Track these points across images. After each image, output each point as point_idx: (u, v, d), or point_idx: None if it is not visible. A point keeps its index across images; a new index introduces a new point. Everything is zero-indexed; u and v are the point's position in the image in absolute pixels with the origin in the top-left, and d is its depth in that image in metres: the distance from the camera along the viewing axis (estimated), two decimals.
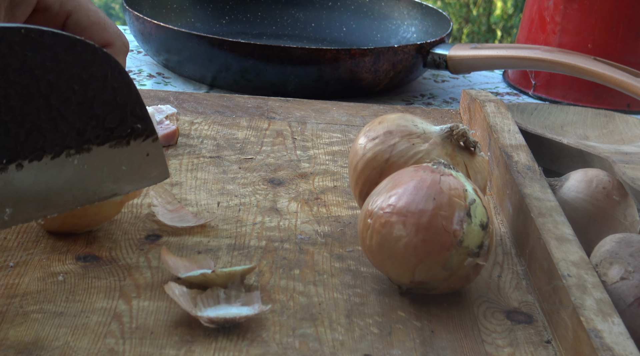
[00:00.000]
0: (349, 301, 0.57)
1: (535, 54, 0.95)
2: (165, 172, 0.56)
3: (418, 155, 0.62)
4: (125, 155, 0.53)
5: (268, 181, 0.73)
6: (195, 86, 1.02)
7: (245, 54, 0.96)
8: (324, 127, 0.85)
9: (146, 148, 0.54)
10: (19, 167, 0.49)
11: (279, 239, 0.64)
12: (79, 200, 0.52)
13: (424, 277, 0.56)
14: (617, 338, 0.50)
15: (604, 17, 1.03)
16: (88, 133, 0.51)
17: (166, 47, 1.01)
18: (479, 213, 0.56)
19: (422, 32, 1.16)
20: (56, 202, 0.51)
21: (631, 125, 0.88)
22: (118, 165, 0.53)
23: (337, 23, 1.22)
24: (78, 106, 0.50)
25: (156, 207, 0.66)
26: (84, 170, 0.52)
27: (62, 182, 0.51)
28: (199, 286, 0.56)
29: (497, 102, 0.83)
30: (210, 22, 1.20)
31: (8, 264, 0.58)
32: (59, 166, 0.50)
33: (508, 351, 0.54)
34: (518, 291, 0.60)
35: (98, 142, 0.52)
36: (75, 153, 0.51)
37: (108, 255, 0.60)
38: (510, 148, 0.73)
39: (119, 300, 0.56)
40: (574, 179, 0.68)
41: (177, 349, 0.51)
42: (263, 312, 0.54)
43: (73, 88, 0.49)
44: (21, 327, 0.52)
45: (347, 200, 0.71)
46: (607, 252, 0.58)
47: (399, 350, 0.53)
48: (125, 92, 0.52)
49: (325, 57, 0.96)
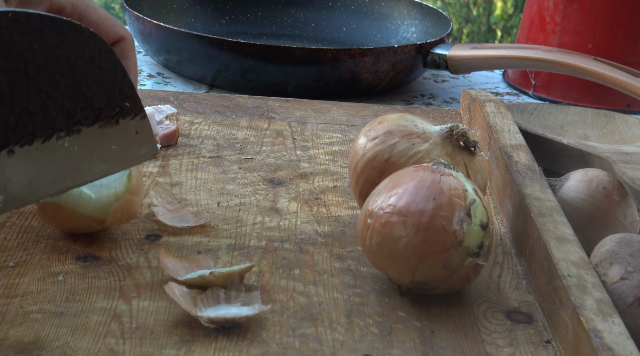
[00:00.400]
0: (349, 301, 0.57)
1: (535, 54, 0.95)
2: (154, 149, 0.56)
3: (418, 155, 0.62)
4: (114, 134, 0.53)
5: (268, 181, 0.73)
6: (195, 86, 1.02)
7: (245, 54, 0.96)
8: (324, 127, 0.85)
9: (135, 126, 0.54)
10: (10, 152, 0.48)
11: (279, 239, 0.64)
12: (71, 182, 0.52)
13: (424, 277, 0.56)
14: (617, 338, 0.50)
15: (604, 17, 1.03)
16: (77, 114, 0.51)
17: (166, 47, 1.01)
18: (479, 213, 0.56)
19: (422, 32, 1.16)
20: (48, 185, 0.51)
21: (631, 125, 0.88)
22: (108, 145, 0.53)
23: (337, 23, 1.22)
24: (67, 88, 0.50)
25: (156, 207, 0.66)
26: (75, 151, 0.51)
27: (53, 165, 0.50)
28: (198, 286, 0.56)
29: (497, 102, 0.83)
30: (210, 22, 1.20)
31: (8, 264, 0.58)
32: (49, 149, 0.50)
33: (508, 351, 0.54)
34: (518, 291, 0.60)
35: (87, 123, 0.51)
36: (66, 136, 0.50)
37: (108, 255, 0.60)
38: (510, 148, 0.73)
39: (119, 300, 0.56)
40: (574, 179, 0.68)
41: (177, 349, 0.51)
42: (263, 312, 0.54)
43: (61, 70, 0.49)
44: (21, 327, 0.52)
45: (347, 200, 0.71)
46: (607, 252, 0.58)
47: (399, 350, 0.53)
48: (112, 71, 0.51)
49: (325, 57, 0.96)
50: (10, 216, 0.64)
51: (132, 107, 0.53)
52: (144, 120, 0.54)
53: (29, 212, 0.65)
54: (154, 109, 0.81)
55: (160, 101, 0.87)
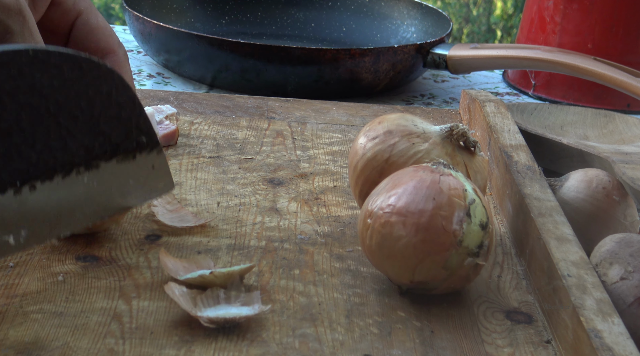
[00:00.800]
0: (349, 301, 0.57)
1: (535, 54, 0.95)
2: (170, 183, 0.56)
3: (418, 154, 0.62)
4: (131, 169, 0.53)
5: (268, 181, 0.73)
6: (195, 86, 1.02)
7: (245, 54, 0.96)
8: (324, 127, 0.85)
9: (151, 161, 0.54)
10: (32, 188, 0.49)
11: (279, 239, 0.64)
12: (89, 217, 0.53)
13: (424, 277, 0.56)
14: (617, 338, 0.50)
15: (604, 17, 1.03)
16: (96, 149, 0.51)
17: (166, 47, 1.01)
18: (479, 213, 0.56)
19: (422, 32, 1.16)
20: (68, 220, 0.52)
21: (631, 125, 0.88)
22: (125, 180, 0.53)
23: (337, 23, 1.22)
24: (85, 123, 0.50)
25: (156, 207, 0.66)
26: (94, 187, 0.52)
27: (73, 200, 0.51)
28: (198, 286, 0.56)
29: (497, 102, 0.83)
30: (210, 22, 1.20)
31: (8, 264, 0.58)
32: (69, 184, 0.50)
33: (508, 351, 0.54)
34: (518, 291, 0.60)
35: (106, 157, 0.52)
36: (85, 171, 0.51)
37: (108, 255, 0.60)
38: (510, 148, 0.73)
39: (119, 300, 0.56)
40: (574, 179, 0.68)
41: (177, 349, 0.51)
42: (263, 312, 0.54)
43: (80, 106, 0.50)
44: (21, 327, 0.52)
45: (347, 200, 0.71)
46: (607, 252, 0.58)
47: (399, 350, 0.53)
48: (129, 106, 0.52)
49: (325, 57, 0.96)
50: None
51: (149, 141, 0.54)
52: (160, 154, 0.54)
53: None
54: (154, 109, 0.81)
55: (160, 101, 0.87)
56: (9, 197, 0.47)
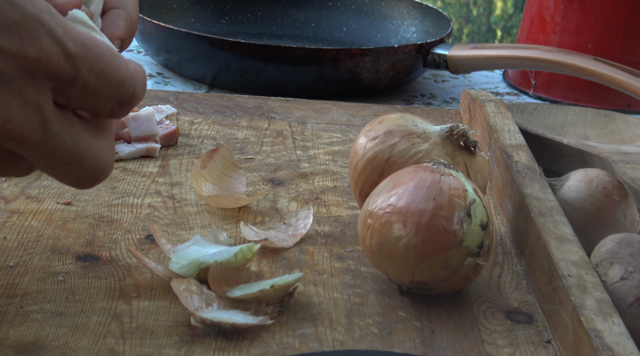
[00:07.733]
0: (349, 301, 0.57)
1: (535, 54, 0.95)
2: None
3: (418, 154, 0.62)
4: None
5: (268, 181, 0.73)
6: (195, 86, 1.02)
7: (245, 54, 0.96)
8: (324, 127, 0.85)
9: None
10: None
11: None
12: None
13: (424, 277, 0.56)
14: (617, 338, 0.50)
15: (604, 17, 1.03)
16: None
17: (166, 47, 1.01)
18: (479, 213, 0.56)
19: (422, 32, 1.16)
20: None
21: (631, 125, 0.88)
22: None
23: (337, 23, 1.22)
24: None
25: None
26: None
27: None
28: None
29: (497, 102, 0.83)
30: (210, 22, 1.20)
31: (8, 264, 0.58)
32: None
33: (508, 351, 0.54)
34: (518, 291, 0.60)
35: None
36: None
37: (108, 255, 0.60)
38: (510, 148, 0.73)
39: (119, 300, 0.56)
40: (574, 179, 0.68)
41: (177, 349, 0.51)
42: (264, 323, 0.53)
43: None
44: (21, 327, 0.52)
45: (347, 200, 0.71)
46: (607, 252, 0.58)
47: (399, 350, 0.53)
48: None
49: (325, 57, 0.96)
50: (10, 216, 0.64)
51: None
52: None
53: (29, 212, 0.65)
54: (154, 109, 0.81)
55: (160, 101, 0.87)
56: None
